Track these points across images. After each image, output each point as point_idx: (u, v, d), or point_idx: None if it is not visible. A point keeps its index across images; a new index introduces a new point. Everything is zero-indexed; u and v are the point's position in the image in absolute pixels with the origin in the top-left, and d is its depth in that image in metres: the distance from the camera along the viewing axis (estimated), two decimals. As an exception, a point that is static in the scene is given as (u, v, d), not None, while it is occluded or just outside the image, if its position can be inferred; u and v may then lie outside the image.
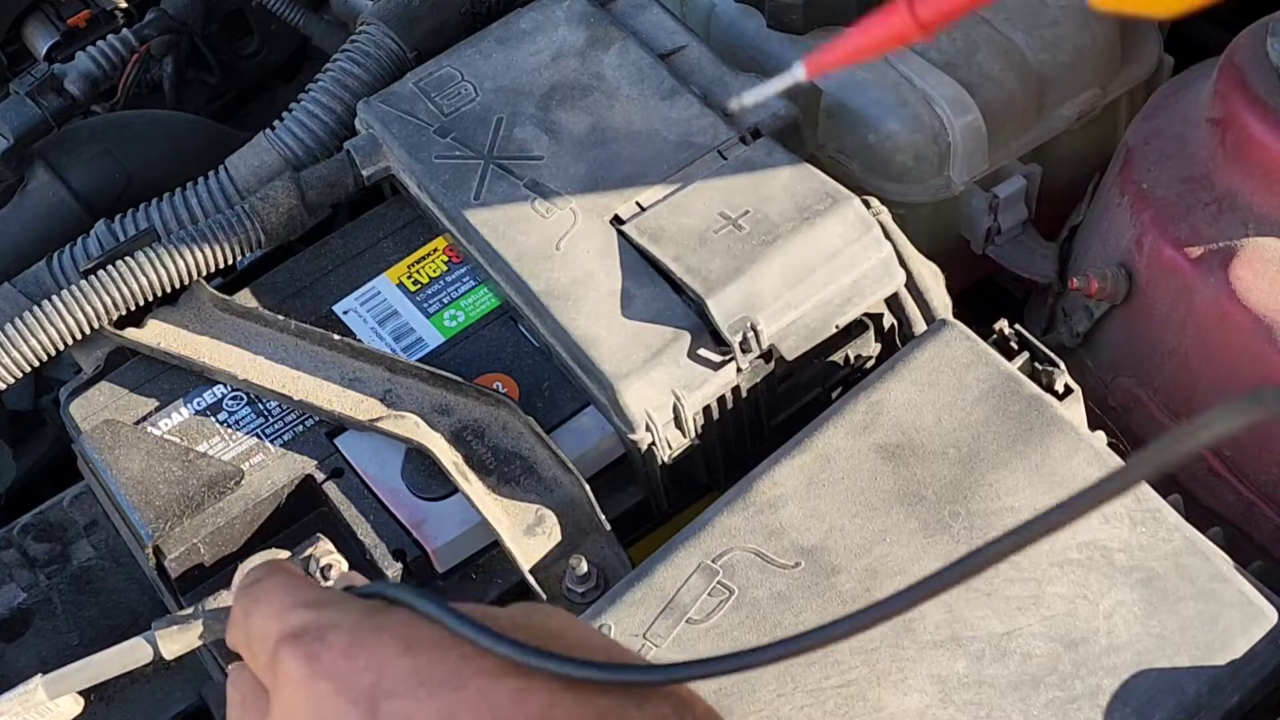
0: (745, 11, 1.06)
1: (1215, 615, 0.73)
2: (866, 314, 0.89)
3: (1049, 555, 0.74)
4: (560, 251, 0.85)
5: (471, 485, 0.80)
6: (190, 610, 0.67)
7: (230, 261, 0.90)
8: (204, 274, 0.89)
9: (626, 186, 0.87)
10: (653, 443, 0.81)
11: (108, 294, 0.87)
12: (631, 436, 0.81)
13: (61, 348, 0.88)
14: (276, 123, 0.98)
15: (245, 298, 0.90)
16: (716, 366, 0.82)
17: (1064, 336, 1.05)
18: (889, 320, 0.90)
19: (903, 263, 0.87)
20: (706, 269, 0.83)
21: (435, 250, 0.91)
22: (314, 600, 0.59)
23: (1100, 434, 0.81)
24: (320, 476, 0.83)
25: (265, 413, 0.85)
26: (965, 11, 0.56)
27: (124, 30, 1.15)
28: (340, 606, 0.58)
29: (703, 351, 0.82)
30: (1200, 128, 0.95)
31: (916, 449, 0.78)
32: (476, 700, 0.53)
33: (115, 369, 0.88)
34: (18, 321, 0.87)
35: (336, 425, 0.84)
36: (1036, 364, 0.84)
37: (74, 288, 0.87)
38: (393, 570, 0.79)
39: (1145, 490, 0.77)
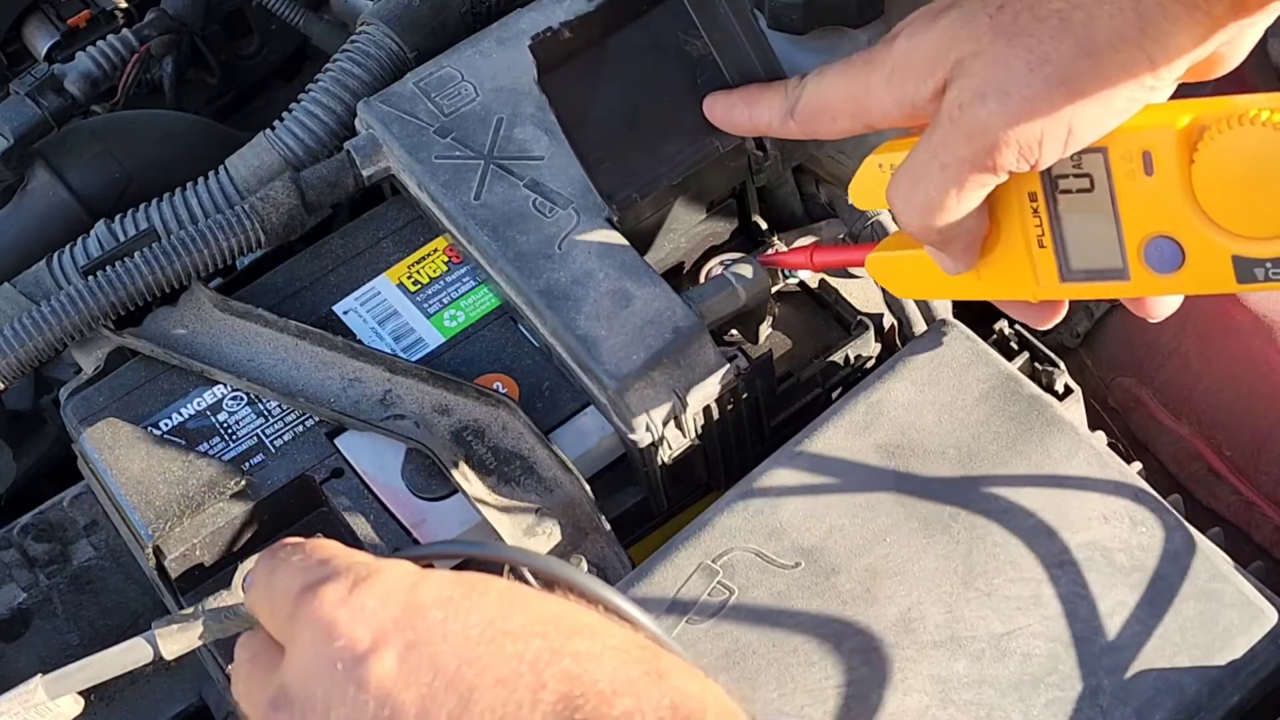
0: (745, 11, 1.06)
1: (1215, 615, 0.73)
2: (866, 314, 0.89)
3: (1049, 555, 0.74)
4: (560, 251, 0.85)
5: (471, 485, 0.80)
6: (190, 610, 0.67)
7: (230, 261, 0.90)
8: (203, 274, 0.89)
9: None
10: (653, 443, 0.81)
11: (107, 294, 0.87)
12: (631, 436, 0.81)
13: (61, 348, 0.88)
14: (276, 123, 0.98)
15: (245, 298, 0.90)
16: (716, 366, 0.82)
17: (1064, 336, 1.05)
18: (889, 320, 0.90)
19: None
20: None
21: (435, 250, 0.91)
22: (342, 554, 0.58)
23: (1100, 434, 0.81)
24: (320, 476, 0.83)
25: (265, 413, 0.85)
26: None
27: (124, 30, 1.15)
28: (373, 562, 0.58)
29: (703, 351, 0.82)
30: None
31: (916, 449, 0.78)
32: (503, 659, 0.53)
33: (115, 369, 0.88)
34: (18, 322, 0.87)
35: (336, 425, 0.84)
36: (1036, 364, 0.84)
37: (74, 288, 0.87)
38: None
39: (1145, 490, 0.77)
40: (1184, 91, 0.66)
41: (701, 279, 0.91)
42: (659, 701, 0.52)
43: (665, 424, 0.81)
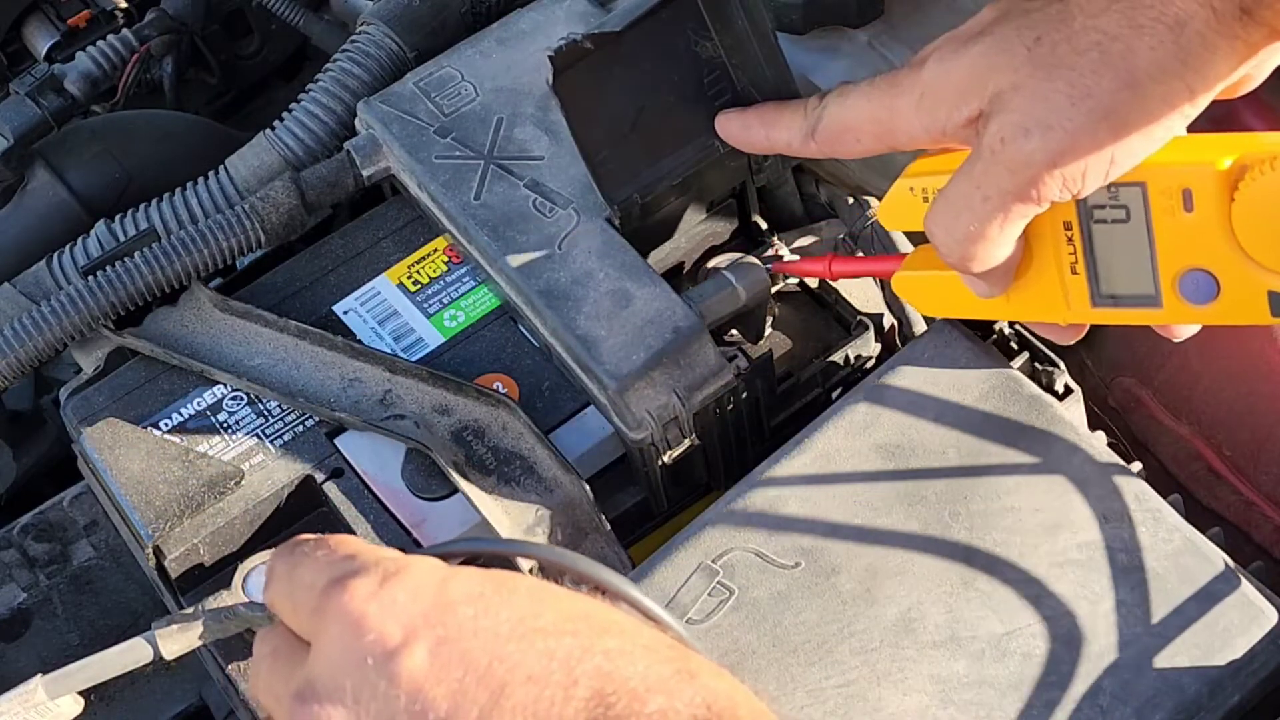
0: (745, 12, 1.05)
1: (1215, 615, 0.73)
2: (866, 314, 0.89)
3: (1049, 555, 0.74)
4: (560, 251, 0.85)
5: (471, 485, 0.80)
6: (190, 610, 0.67)
7: (230, 261, 0.90)
8: (203, 274, 0.89)
9: (627, 186, 0.87)
10: (653, 443, 0.81)
11: (107, 294, 0.87)
12: (632, 436, 0.81)
13: (61, 348, 0.88)
14: (276, 123, 0.98)
15: (245, 298, 0.90)
16: (716, 367, 0.82)
17: (1064, 336, 1.05)
18: (889, 320, 0.90)
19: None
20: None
21: (435, 250, 0.91)
22: (367, 549, 0.58)
23: (1100, 434, 0.81)
24: (320, 476, 0.83)
25: (265, 413, 0.85)
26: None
27: (124, 30, 1.15)
28: (400, 557, 0.57)
29: (703, 351, 0.82)
30: (1200, 128, 0.95)
31: (916, 449, 0.78)
32: (534, 656, 0.53)
33: (115, 369, 0.88)
34: (18, 322, 0.87)
35: (336, 425, 0.84)
36: (1036, 364, 0.83)
37: (74, 288, 0.87)
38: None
39: (1145, 490, 0.77)
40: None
41: (701, 279, 0.91)
42: (692, 699, 0.52)
43: (665, 424, 0.81)
